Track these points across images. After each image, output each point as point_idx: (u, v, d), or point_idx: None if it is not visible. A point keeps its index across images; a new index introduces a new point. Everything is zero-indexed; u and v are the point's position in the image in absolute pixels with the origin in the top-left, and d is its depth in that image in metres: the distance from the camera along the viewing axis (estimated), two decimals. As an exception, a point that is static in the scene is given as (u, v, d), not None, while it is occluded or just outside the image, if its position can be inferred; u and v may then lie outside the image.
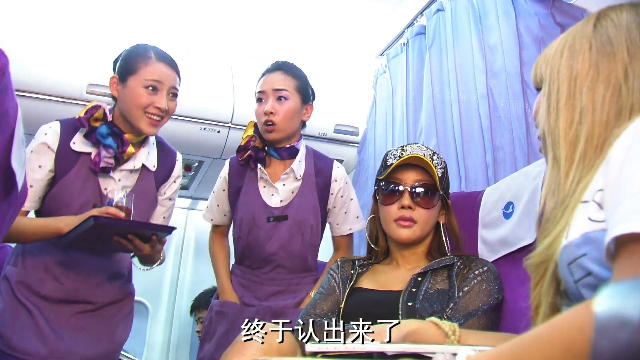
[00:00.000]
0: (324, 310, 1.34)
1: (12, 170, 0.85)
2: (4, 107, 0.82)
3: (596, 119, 0.75)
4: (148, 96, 1.60)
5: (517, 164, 1.70)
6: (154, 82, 1.61)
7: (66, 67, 2.43)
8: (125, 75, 1.63)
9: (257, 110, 1.81)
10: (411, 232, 1.35)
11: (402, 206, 1.34)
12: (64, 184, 1.59)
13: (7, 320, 1.56)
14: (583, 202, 0.70)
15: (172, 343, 3.53)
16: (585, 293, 0.67)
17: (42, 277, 1.60)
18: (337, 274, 1.44)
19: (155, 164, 1.74)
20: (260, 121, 1.80)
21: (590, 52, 0.79)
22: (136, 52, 1.65)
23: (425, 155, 1.37)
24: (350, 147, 2.95)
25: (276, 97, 1.79)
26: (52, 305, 1.59)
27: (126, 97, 1.62)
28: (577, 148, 0.76)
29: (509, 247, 1.35)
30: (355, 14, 2.70)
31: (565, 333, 0.51)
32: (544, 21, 1.69)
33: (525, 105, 1.73)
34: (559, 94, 0.81)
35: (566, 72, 0.81)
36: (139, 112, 1.61)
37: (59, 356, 1.55)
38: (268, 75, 1.84)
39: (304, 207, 1.81)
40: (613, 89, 0.75)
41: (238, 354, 1.02)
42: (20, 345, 1.53)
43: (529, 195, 1.30)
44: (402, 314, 1.22)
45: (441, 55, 2.18)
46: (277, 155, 1.83)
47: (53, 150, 1.60)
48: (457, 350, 0.69)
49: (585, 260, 0.66)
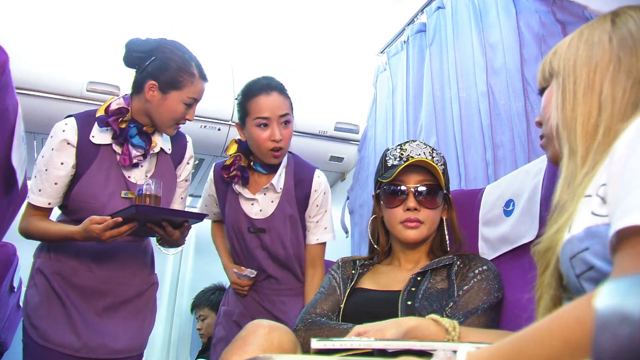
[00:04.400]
0: (324, 310, 1.34)
1: (12, 167, 0.85)
2: (4, 104, 0.82)
3: (615, 111, 0.75)
4: (184, 111, 1.68)
5: (517, 161, 1.70)
6: (194, 100, 1.69)
7: (66, 65, 2.43)
8: (168, 87, 1.65)
9: (261, 136, 1.73)
10: (419, 233, 1.34)
11: (407, 208, 1.33)
12: (89, 177, 1.63)
13: (43, 313, 1.61)
14: (586, 196, 0.70)
15: (172, 340, 3.54)
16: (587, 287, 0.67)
17: (75, 267, 1.66)
18: (338, 274, 1.44)
19: (169, 147, 1.81)
20: (264, 147, 1.74)
21: (611, 44, 0.80)
22: (181, 65, 1.65)
23: (425, 154, 1.36)
24: (350, 144, 2.95)
25: (281, 123, 1.74)
26: (85, 297, 1.65)
27: (163, 108, 1.66)
28: (594, 141, 0.76)
29: (509, 245, 1.35)
30: (355, 12, 2.69)
31: (565, 326, 0.51)
32: (544, 19, 1.69)
33: (526, 102, 1.72)
34: (576, 85, 0.80)
35: (585, 62, 0.81)
36: (171, 122, 1.68)
37: (92, 349, 1.61)
38: (266, 97, 1.74)
39: (282, 221, 1.82)
40: (634, 81, 0.76)
41: (239, 351, 1.02)
42: (54, 337, 1.58)
43: (530, 193, 1.30)
44: (401, 313, 1.22)
45: (442, 52, 2.18)
46: (263, 170, 1.82)
47: (74, 146, 1.63)
48: (457, 347, 0.69)
49: (587, 254, 0.66)
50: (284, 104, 1.75)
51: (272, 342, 1.04)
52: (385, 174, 1.38)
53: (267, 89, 1.74)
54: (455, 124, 2.01)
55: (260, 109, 1.72)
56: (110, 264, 1.70)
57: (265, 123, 1.72)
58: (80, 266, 1.66)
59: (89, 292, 1.66)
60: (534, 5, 1.72)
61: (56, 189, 1.62)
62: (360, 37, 2.83)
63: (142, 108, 1.69)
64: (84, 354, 1.59)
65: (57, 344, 1.57)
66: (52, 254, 1.67)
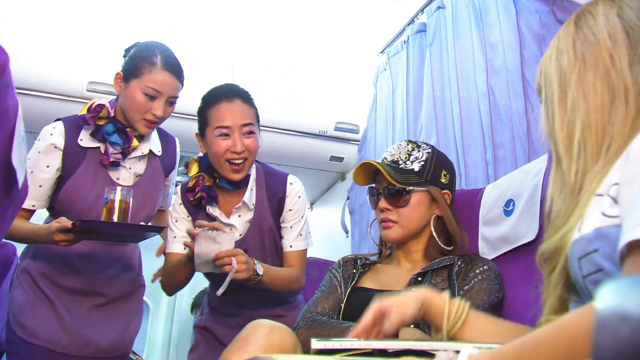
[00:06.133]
0: (325, 308, 1.34)
1: (12, 168, 0.85)
2: (5, 104, 0.82)
3: (590, 106, 0.76)
4: (146, 103, 1.61)
5: (517, 161, 1.70)
6: (154, 91, 1.60)
7: (67, 65, 2.43)
8: (129, 76, 1.63)
9: (220, 147, 1.56)
10: (394, 232, 1.37)
11: (381, 209, 1.38)
12: (76, 180, 1.64)
13: (30, 312, 1.62)
14: (597, 195, 0.69)
15: (172, 340, 3.54)
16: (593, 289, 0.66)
17: (62, 269, 1.66)
18: (339, 273, 1.44)
19: (159, 149, 1.79)
20: (223, 158, 1.57)
21: (575, 47, 0.81)
22: (144, 54, 1.63)
23: (401, 154, 1.40)
24: (350, 144, 2.95)
25: (243, 133, 1.57)
26: (71, 297, 1.66)
27: (126, 98, 1.63)
28: (574, 139, 0.77)
29: (509, 245, 1.35)
30: (355, 12, 2.69)
31: (569, 336, 0.51)
32: (545, 18, 1.69)
33: (526, 102, 1.72)
34: (553, 97, 0.82)
35: (555, 72, 0.83)
36: (137, 116, 1.63)
37: (79, 346, 1.62)
38: (227, 105, 1.59)
39: (260, 238, 1.67)
40: (602, 75, 0.77)
41: (239, 351, 1.02)
42: (43, 334, 1.59)
43: (530, 193, 1.30)
44: None
45: (442, 52, 2.18)
46: (231, 187, 1.65)
47: (60, 149, 1.64)
48: (460, 347, 0.69)
49: (596, 256, 0.65)
50: (247, 113, 1.60)
51: (272, 342, 1.04)
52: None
53: (229, 96, 1.60)
54: (456, 124, 2.01)
55: (221, 117, 1.57)
56: (96, 266, 1.70)
57: (226, 133, 1.56)
58: (66, 268, 1.66)
59: (76, 292, 1.66)
60: (534, 5, 1.72)
61: (40, 191, 1.62)
62: (360, 37, 2.82)
63: (119, 107, 1.68)
64: (72, 350, 1.60)
65: (46, 341, 1.58)
66: (38, 256, 1.68)
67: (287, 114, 2.78)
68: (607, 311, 0.36)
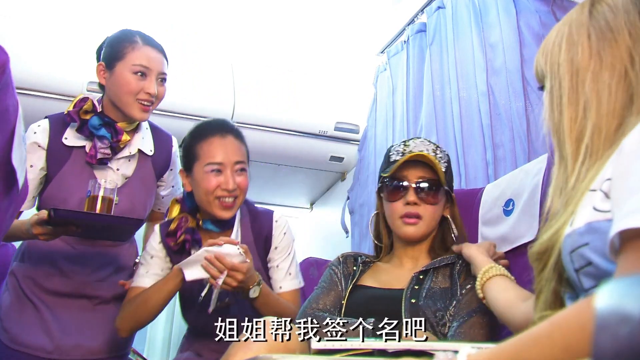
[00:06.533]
0: (327, 305, 1.33)
1: (12, 167, 0.85)
2: (5, 104, 0.82)
3: (602, 110, 0.72)
4: (137, 82, 1.56)
5: (517, 161, 1.70)
6: (142, 67, 1.56)
7: (66, 65, 2.43)
8: (112, 61, 1.58)
9: (211, 184, 1.46)
10: (417, 229, 1.34)
11: (407, 202, 1.33)
12: (60, 180, 1.58)
13: (14, 316, 1.58)
14: (591, 191, 0.68)
15: (172, 340, 3.54)
16: (585, 282, 0.67)
17: (48, 272, 1.61)
18: (339, 269, 1.42)
19: (151, 148, 1.71)
20: (213, 195, 1.47)
21: (590, 41, 0.76)
22: (122, 37, 1.60)
23: (428, 150, 1.36)
24: (350, 144, 2.95)
25: (235, 170, 1.49)
26: (58, 300, 1.60)
27: (115, 84, 1.58)
28: (582, 144, 0.73)
29: (509, 244, 1.35)
30: (355, 12, 2.69)
31: (566, 332, 0.51)
32: (545, 18, 1.69)
33: (526, 102, 1.72)
34: (561, 90, 0.78)
35: (566, 65, 0.78)
36: (130, 99, 1.57)
37: (65, 351, 1.56)
38: (220, 140, 1.49)
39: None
40: (619, 76, 0.73)
41: (244, 347, 1.00)
42: (26, 340, 1.54)
43: (530, 193, 1.30)
44: (404, 311, 1.22)
45: (442, 52, 2.18)
46: (216, 228, 1.54)
47: (44, 148, 1.59)
48: (458, 347, 0.69)
49: (586, 249, 0.65)
50: (240, 150, 1.51)
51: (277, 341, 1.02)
52: (387, 168, 1.38)
53: (221, 131, 1.51)
54: (456, 124, 2.01)
55: (214, 153, 1.47)
56: (85, 268, 1.64)
57: (219, 169, 1.47)
58: (53, 271, 1.61)
59: (63, 296, 1.61)
60: (534, 5, 1.72)
61: None
62: (360, 37, 2.83)
63: (107, 99, 1.62)
64: (57, 356, 1.55)
65: (28, 347, 1.53)
66: (26, 258, 1.64)
67: (287, 114, 2.78)
68: (607, 311, 0.37)
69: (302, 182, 3.25)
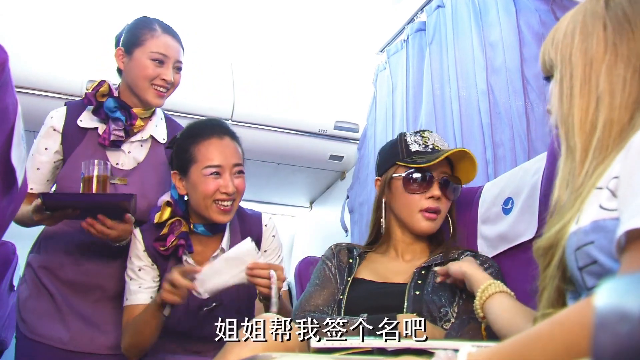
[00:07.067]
0: (319, 305, 1.30)
1: (12, 166, 0.85)
2: (4, 102, 0.82)
3: (615, 103, 0.71)
4: (155, 68, 1.60)
5: (517, 160, 1.70)
6: (160, 55, 1.61)
7: (66, 63, 2.43)
8: (131, 47, 1.62)
9: (209, 187, 1.41)
10: (434, 224, 1.34)
11: (431, 196, 1.32)
12: (72, 162, 1.60)
13: (31, 306, 1.59)
14: (597, 189, 0.68)
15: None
16: (589, 281, 0.66)
17: (63, 261, 1.62)
18: (333, 263, 1.39)
19: (164, 137, 1.72)
20: (211, 199, 1.42)
21: (606, 32, 0.75)
22: (142, 24, 1.66)
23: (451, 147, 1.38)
24: (350, 143, 2.95)
25: (234, 173, 1.44)
26: (73, 291, 1.61)
27: (133, 69, 1.62)
28: (593, 137, 0.72)
29: (508, 243, 1.35)
30: (355, 11, 2.69)
31: (567, 331, 0.50)
32: (544, 17, 1.69)
33: (526, 101, 1.72)
34: (572, 80, 0.76)
35: (580, 56, 0.76)
36: (146, 84, 1.61)
37: (80, 344, 1.57)
38: (218, 142, 1.45)
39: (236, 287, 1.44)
40: (634, 70, 0.71)
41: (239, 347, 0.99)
42: (43, 330, 1.56)
43: (529, 191, 1.30)
44: (407, 304, 1.20)
45: (441, 51, 2.18)
46: (208, 233, 1.51)
47: (59, 132, 1.62)
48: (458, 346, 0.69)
49: (592, 248, 0.64)
50: (237, 152, 1.48)
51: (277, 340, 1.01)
52: (409, 157, 1.35)
53: (219, 132, 1.46)
54: (455, 123, 2.01)
55: (212, 155, 1.42)
56: (99, 258, 1.62)
57: (217, 172, 1.42)
58: (66, 260, 1.61)
59: (78, 286, 1.61)
60: (534, 4, 1.72)
61: (38, 174, 1.60)
62: (360, 35, 2.82)
63: (124, 84, 1.66)
64: (72, 347, 1.56)
65: (45, 337, 1.56)
66: (42, 248, 1.65)
67: (287, 113, 2.77)
68: (607, 309, 0.36)
69: (301, 181, 3.25)
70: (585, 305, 0.50)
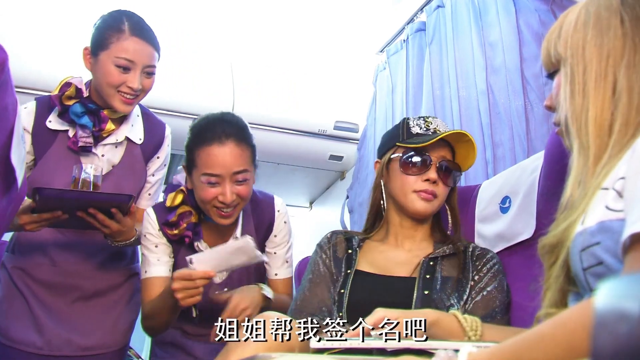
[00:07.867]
0: (314, 305, 1.26)
1: (12, 166, 0.85)
2: (4, 102, 0.82)
3: (633, 103, 0.69)
4: (119, 75, 1.47)
5: (516, 160, 1.70)
6: (125, 61, 1.47)
7: (65, 63, 2.42)
8: (96, 49, 1.50)
9: (207, 194, 1.38)
10: (430, 206, 1.30)
11: (427, 179, 1.29)
12: (43, 165, 1.53)
13: (4, 309, 1.53)
14: (603, 189, 0.67)
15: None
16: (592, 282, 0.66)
17: (38, 261, 1.56)
18: (328, 254, 1.36)
19: (141, 136, 1.63)
20: (210, 204, 1.41)
21: (623, 26, 0.72)
22: (109, 23, 1.50)
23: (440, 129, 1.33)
24: (350, 143, 2.95)
25: (235, 181, 1.40)
26: (49, 292, 1.55)
27: (97, 73, 1.51)
28: (611, 134, 0.69)
29: (506, 242, 1.34)
30: (355, 11, 2.69)
31: (568, 333, 0.50)
32: (544, 17, 1.69)
33: (525, 101, 1.72)
34: (586, 76, 0.73)
35: (595, 50, 0.73)
36: (112, 91, 1.49)
37: (56, 347, 1.52)
38: (218, 149, 1.37)
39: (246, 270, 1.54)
40: None
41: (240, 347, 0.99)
42: (16, 335, 1.50)
43: (526, 190, 1.30)
44: (415, 303, 1.17)
45: (441, 51, 2.18)
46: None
47: (29, 131, 1.52)
48: (459, 346, 0.69)
49: (598, 249, 0.64)
50: (241, 157, 1.40)
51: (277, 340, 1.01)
52: (409, 139, 1.32)
53: (221, 137, 1.38)
54: (455, 123, 2.01)
55: (210, 163, 1.37)
56: (76, 257, 1.57)
57: (216, 181, 1.38)
58: (43, 261, 1.55)
59: (55, 287, 1.55)
60: (533, 4, 1.72)
61: None
62: (359, 36, 2.82)
63: (93, 85, 1.55)
64: (47, 351, 1.50)
65: (18, 342, 1.49)
66: (16, 248, 1.58)
67: (287, 113, 2.78)
68: (606, 309, 0.36)
69: (301, 181, 3.25)
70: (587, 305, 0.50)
